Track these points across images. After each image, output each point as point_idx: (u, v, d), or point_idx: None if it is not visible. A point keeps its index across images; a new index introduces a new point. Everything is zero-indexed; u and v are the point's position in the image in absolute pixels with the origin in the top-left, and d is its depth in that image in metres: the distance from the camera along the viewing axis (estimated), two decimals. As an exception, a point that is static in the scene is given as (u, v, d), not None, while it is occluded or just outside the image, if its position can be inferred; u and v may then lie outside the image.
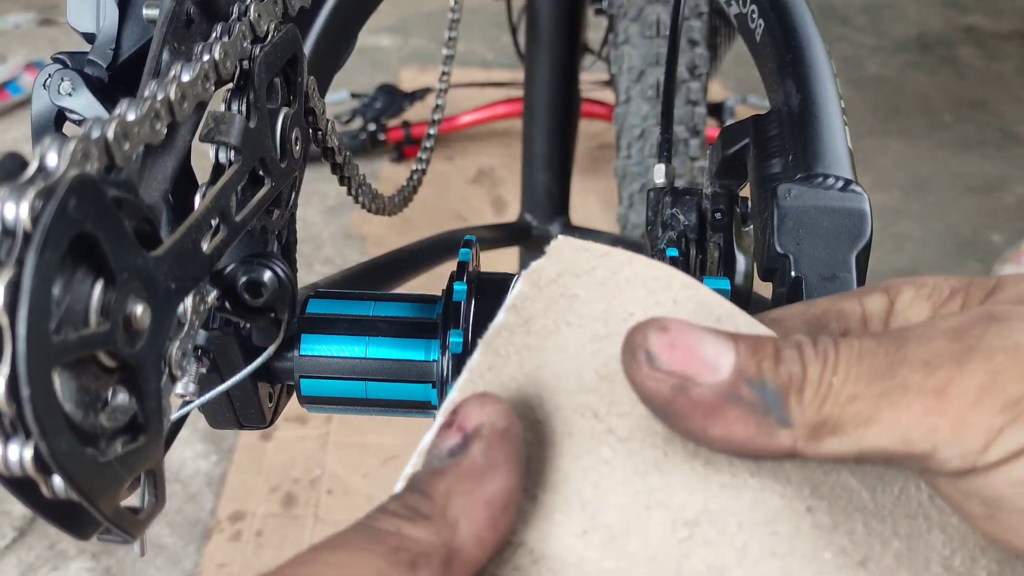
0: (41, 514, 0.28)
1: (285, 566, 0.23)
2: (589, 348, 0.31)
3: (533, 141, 1.16)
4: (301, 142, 0.44)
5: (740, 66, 2.32)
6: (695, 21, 1.27)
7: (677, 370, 0.26)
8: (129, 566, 1.41)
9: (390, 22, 3.09)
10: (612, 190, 1.51)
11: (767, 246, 0.44)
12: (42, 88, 0.38)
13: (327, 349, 0.46)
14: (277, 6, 0.41)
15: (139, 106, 0.31)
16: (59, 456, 0.25)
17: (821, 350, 0.26)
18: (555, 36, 1.09)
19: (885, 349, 0.25)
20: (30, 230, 0.24)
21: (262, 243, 0.44)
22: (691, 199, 0.61)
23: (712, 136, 1.04)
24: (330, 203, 2.21)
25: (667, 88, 0.70)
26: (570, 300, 0.31)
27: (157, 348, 0.30)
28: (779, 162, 0.49)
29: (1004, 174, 2.44)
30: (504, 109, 2.35)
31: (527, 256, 1.26)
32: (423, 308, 0.47)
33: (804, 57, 0.51)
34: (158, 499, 0.32)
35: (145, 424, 0.30)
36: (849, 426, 0.25)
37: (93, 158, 0.28)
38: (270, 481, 1.55)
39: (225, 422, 0.49)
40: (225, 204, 0.36)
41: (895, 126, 2.66)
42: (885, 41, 3.19)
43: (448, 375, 0.43)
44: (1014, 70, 3.01)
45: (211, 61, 0.36)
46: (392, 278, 0.77)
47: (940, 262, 2.12)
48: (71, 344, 0.25)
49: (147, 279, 0.29)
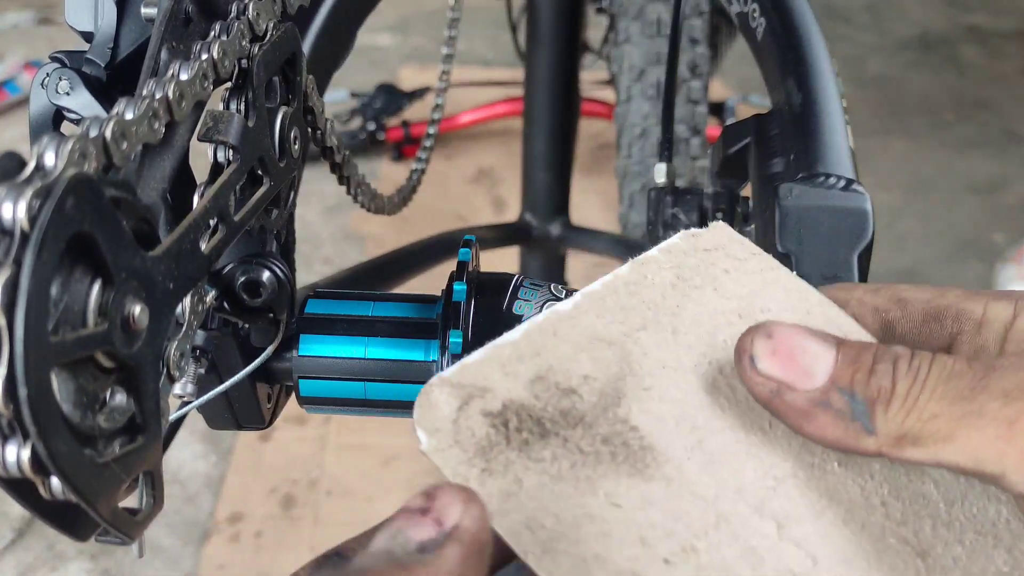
0: (39, 515, 0.28)
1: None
2: (727, 317, 0.33)
3: (533, 140, 1.16)
4: (300, 141, 0.43)
5: (741, 65, 2.31)
6: (696, 20, 1.27)
7: (775, 375, 0.29)
8: (128, 567, 1.40)
9: (390, 21, 3.09)
10: (613, 190, 1.51)
11: (768, 246, 0.44)
12: (40, 87, 0.38)
13: (326, 349, 0.46)
14: (276, 5, 0.41)
15: (137, 105, 0.31)
16: (57, 457, 0.25)
17: (914, 366, 0.28)
18: (555, 35, 1.09)
19: (972, 374, 0.27)
20: (28, 230, 0.24)
21: (261, 243, 0.43)
22: (692, 199, 0.61)
23: (713, 135, 1.04)
24: (329, 203, 2.21)
25: (668, 87, 0.69)
26: (721, 272, 0.34)
27: (155, 348, 0.30)
28: (780, 161, 0.49)
29: (1006, 173, 2.44)
30: (504, 108, 2.35)
31: (527, 256, 1.26)
32: (423, 308, 0.47)
33: (805, 56, 0.51)
34: (156, 500, 0.32)
35: (143, 425, 0.30)
36: (928, 440, 0.27)
37: (91, 157, 0.27)
38: (269, 482, 1.55)
39: (224, 423, 0.49)
40: (224, 204, 0.36)
41: (897, 125, 2.66)
42: (887, 40, 3.19)
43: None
44: (1016, 69, 3.01)
45: (209, 60, 0.35)
46: (392, 278, 0.77)
47: (942, 262, 2.12)
48: (69, 344, 0.25)
49: (145, 279, 0.29)
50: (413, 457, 1.60)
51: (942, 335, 0.32)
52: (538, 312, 0.45)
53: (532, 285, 0.47)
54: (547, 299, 0.46)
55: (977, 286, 2.10)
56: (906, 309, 0.33)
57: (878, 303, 0.33)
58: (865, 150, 2.42)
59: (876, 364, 0.28)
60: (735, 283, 0.34)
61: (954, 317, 0.32)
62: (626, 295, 0.33)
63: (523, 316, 0.45)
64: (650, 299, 0.33)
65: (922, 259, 2.13)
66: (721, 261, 0.34)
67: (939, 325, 0.32)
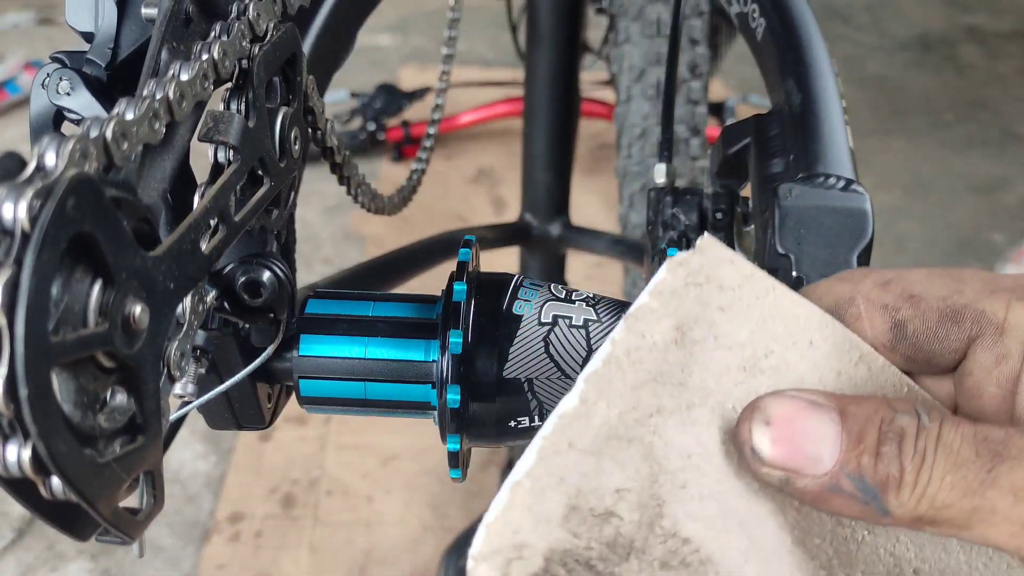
0: (39, 515, 0.28)
1: None
2: (733, 376, 0.31)
3: (533, 141, 1.15)
4: (300, 141, 0.43)
5: (741, 65, 2.31)
6: (696, 20, 1.27)
7: (781, 465, 0.28)
8: (128, 567, 1.40)
9: (390, 21, 3.09)
10: (612, 190, 1.51)
11: (768, 246, 0.44)
12: (40, 87, 0.38)
13: (326, 349, 0.46)
14: (276, 5, 0.41)
15: (138, 105, 0.31)
16: (57, 457, 0.25)
17: (920, 449, 0.27)
18: (555, 35, 1.09)
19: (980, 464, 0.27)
20: (28, 230, 0.24)
21: (261, 243, 0.43)
22: (692, 199, 0.61)
23: (713, 136, 1.04)
24: (329, 203, 2.21)
25: (668, 87, 0.69)
26: (717, 312, 0.32)
27: (156, 348, 0.30)
28: (780, 162, 0.49)
29: (1006, 173, 2.44)
30: (504, 109, 2.35)
31: (527, 256, 1.26)
32: (423, 308, 0.47)
33: (805, 56, 0.51)
34: (157, 500, 0.32)
35: (144, 425, 0.30)
36: (945, 525, 0.27)
37: (92, 158, 0.27)
38: (269, 482, 1.55)
39: (224, 423, 0.49)
40: (224, 204, 0.36)
41: (896, 125, 2.66)
42: (886, 40, 3.19)
43: (448, 375, 0.43)
44: (1016, 69, 3.01)
45: (210, 60, 0.35)
46: (392, 278, 0.77)
47: (941, 262, 2.12)
48: (69, 344, 0.25)
49: (146, 279, 0.29)
50: (413, 457, 1.60)
51: (960, 337, 0.31)
52: (538, 320, 0.45)
53: (532, 285, 0.47)
54: (547, 299, 0.46)
55: (977, 286, 2.10)
56: (919, 307, 0.31)
57: (887, 300, 0.31)
58: (865, 150, 2.42)
59: (881, 446, 0.27)
60: (733, 325, 0.32)
61: (973, 319, 0.30)
62: (630, 369, 0.30)
63: (523, 316, 0.45)
64: (654, 368, 0.31)
65: (921, 259, 2.13)
66: (715, 297, 0.32)
67: (956, 327, 0.31)
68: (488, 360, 0.44)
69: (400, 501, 1.53)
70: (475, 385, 0.44)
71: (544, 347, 0.44)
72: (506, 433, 0.46)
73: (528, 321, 0.45)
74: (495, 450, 1.48)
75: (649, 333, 0.31)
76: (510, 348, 0.44)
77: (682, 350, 0.31)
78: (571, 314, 0.45)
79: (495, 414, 0.45)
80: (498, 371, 0.44)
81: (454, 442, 0.44)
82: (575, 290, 0.47)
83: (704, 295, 0.32)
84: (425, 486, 1.56)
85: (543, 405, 0.45)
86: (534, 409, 0.45)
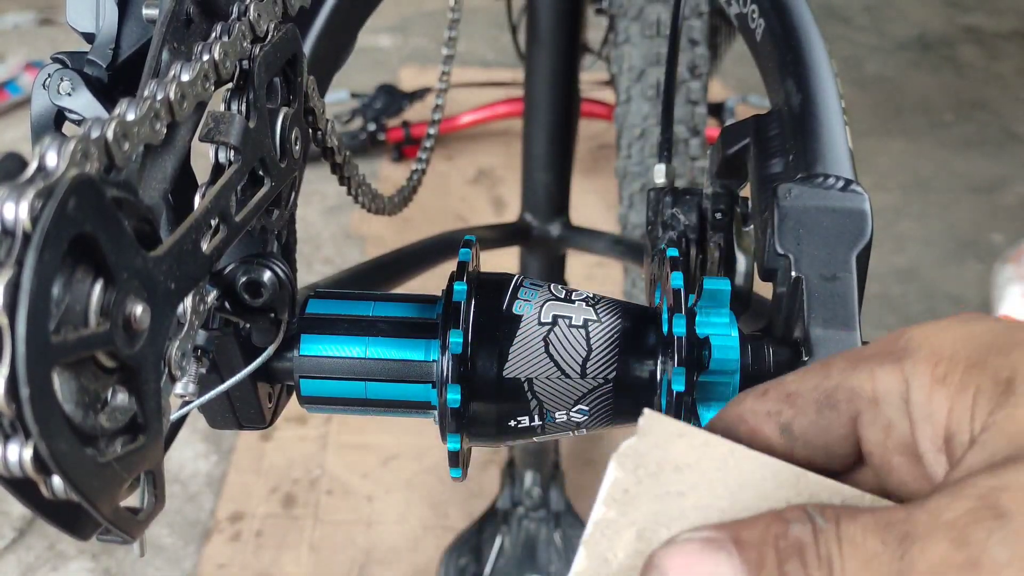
0: (40, 514, 0.28)
1: None
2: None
3: (533, 141, 1.16)
4: (301, 142, 0.43)
5: (741, 66, 2.32)
6: (695, 20, 1.27)
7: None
8: (128, 566, 1.41)
9: (390, 22, 3.09)
10: (612, 190, 1.51)
11: (767, 246, 0.44)
12: (41, 88, 0.38)
13: (327, 349, 0.46)
14: (277, 6, 0.41)
15: (139, 106, 0.31)
16: (59, 456, 0.25)
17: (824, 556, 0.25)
18: (555, 36, 1.09)
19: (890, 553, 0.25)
20: (30, 230, 0.24)
21: (262, 243, 0.43)
22: (691, 199, 0.61)
23: (712, 136, 1.04)
24: (330, 203, 2.21)
25: (667, 88, 0.70)
26: (677, 500, 0.29)
27: (157, 348, 0.30)
28: (779, 162, 0.49)
29: (1005, 174, 2.44)
30: (504, 109, 2.35)
31: (527, 256, 1.26)
32: (423, 308, 0.47)
33: (804, 57, 0.51)
34: (158, 499, 0.32)
35: (145, 424, 0.30)
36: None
37: (93, 158, 0.28)
38: (270, 481, 1.55)
39: (225, 422, 0.49)
40: (225, 204, 0.36)
41: (896, 126, 2.66)
42: (886, 41, 3.19)
43: (448, 375, 0.43)
44: (1015, 70, 3.01)
45: (211, 61, 0.36)
46: (392, 278, 0.77)
47: (940, 262, 2.12)
48: (70, 344, 0.25)
49: (147, 279, 0.29)
50: (413, 456, 1.60)
51: (841, 422, 0.30)
52: (537, 320, 0.45)
53: (532, 285, 0.47)
54: (547, 299, 0.46)
55: (976, 286, 2.10)
56: (797, 404, 0.30)
57: (768, 407, 0.31)
58: (864, 150, 2.43)
59: (783, 565, 0.26)
60: (699, 511, 0.29)
61: (847, 398, 0.29)
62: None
63: (522, 316, 0.45)
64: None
65: (921, 259, 2.13)
66: (671, 483, 0.29)
67: (834, 412, 0.30)
68: (488, 360, 0.44)
69: (400, 500, 1.53)
70: (475, 385, 0.44)
71: (544, 347, 0.44)
72: (506, 432, 0.46)
73: (528, 321, 0.45)
74: (495, 450, 1.48)
75: (612, 553, 0.29)
76: (510, 348, 0.44)
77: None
78: (571, 314, 0.45)
79: (495, 414, 0.45)
80: (498, 371, 0.44)
81: (454, 441, 0.44)
82: (575, 290, 0.47)
83: (660, 484, 0.29)
84: (425, 485, 1.56)
85: (543, 404, 0.45)
86: (534, 409, 0.45)
